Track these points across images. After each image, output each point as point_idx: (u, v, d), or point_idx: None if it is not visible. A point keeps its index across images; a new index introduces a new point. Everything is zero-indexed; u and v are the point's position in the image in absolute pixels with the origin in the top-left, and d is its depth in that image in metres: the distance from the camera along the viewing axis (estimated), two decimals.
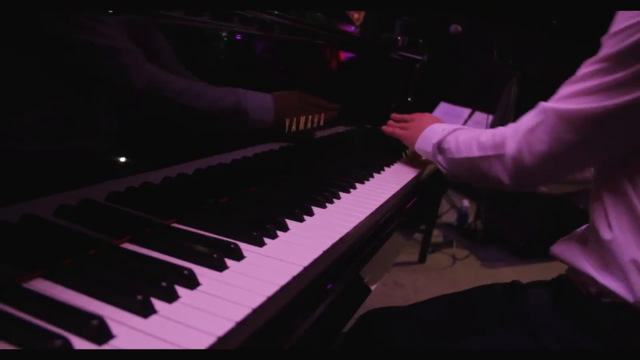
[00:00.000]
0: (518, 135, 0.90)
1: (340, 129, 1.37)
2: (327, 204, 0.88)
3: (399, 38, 1.58)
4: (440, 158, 1.13)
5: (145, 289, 0.51)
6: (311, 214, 0.81)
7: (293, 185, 0.97)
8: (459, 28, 3.42)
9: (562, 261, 0.96)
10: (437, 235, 3.43)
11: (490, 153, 0.96)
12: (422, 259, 3.03)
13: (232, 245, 0.63)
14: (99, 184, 0.68)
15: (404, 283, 2.76)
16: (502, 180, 0.95)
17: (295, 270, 0.61)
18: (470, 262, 3.13)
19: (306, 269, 0.63)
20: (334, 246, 0.68)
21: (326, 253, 0.68)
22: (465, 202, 3.57)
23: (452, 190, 3.74)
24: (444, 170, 1.13)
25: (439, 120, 1.30)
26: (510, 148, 0.91)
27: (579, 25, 4.67)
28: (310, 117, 1.06)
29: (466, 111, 3.75)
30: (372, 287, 0.83)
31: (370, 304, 1.10)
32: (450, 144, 1.09)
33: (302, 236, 0.72)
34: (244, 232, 0.68)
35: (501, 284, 1.10)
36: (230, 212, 0.78)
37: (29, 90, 0.57)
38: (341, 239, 0.71)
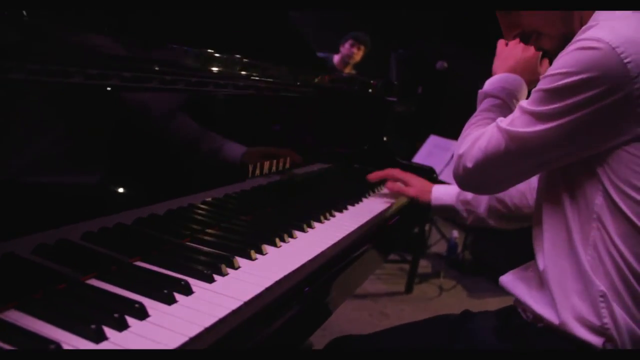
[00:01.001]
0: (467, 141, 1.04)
1: (317, 167, 1.48)
2: (282, 243, 0.98)
3: (371, 82, 1.70)
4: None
5: (100, 319, 0.62)
6: (263, 252, 0.92)
7: (253, 225, 1.07)
8: (445, 64, 3.57)
9: (507, 291, 1.07)
10: (425, 266, 3.51)
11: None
12: (408, 290, 3.11)
13: (182, 282, 0.73)
14: (76, 224, 0.79)
15: (390, 313, 2.83)
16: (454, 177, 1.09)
17: (235, 304, 0.71)
18: (456, 293, 3.20)
19: (246, 304, 0.73)
20: (269, 288, 0.78)
21: (268, 290, 0.78)
22: (455, 233, 3.66)
23: (442, 220, 3.83)
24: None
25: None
26: (460, 149, 1.06)
27: None
28: (275, 161, 1.18)
29: (455, 144, 3.84)
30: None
31: (355, 332, 1.20)
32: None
33: (250, 274, 0.83)
34: (196, 269, 0.78)
35: (455, 314, 1.20)
36: (189, 251, 0.89)
37: (15, 135, 0.68)
38: (277, 282, 0.81)
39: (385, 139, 1.87)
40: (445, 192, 1.41)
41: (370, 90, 1.71)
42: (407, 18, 4.95)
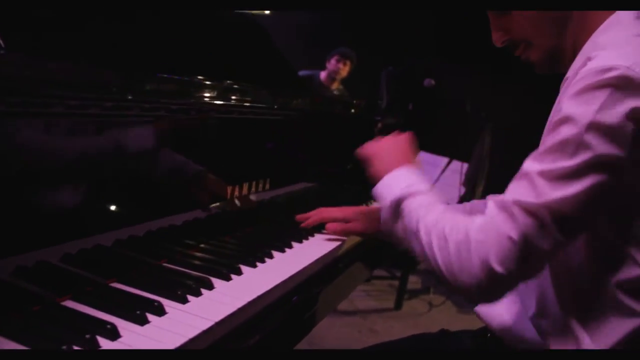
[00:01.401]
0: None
1: (300, 186, 1.51)
2: (259, 264, 1.00)
3: (354, 101, 1.73)
4: (395, 222, 0.97)
5: (71, 340, 0.64)
6: (239, 273, 0.94)
7: (231, 246, 1.09)
8: (432, 82, 3.62)
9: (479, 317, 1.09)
10: (415, 282, 3.53)
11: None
12: (398, 306, 3.12)
13: (155, 303, 0.76)
14: (55, 247, 0.81)
15: (379, 330, 2.84)
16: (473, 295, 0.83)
17: (206, 324, 0.74)
18: (446, 309, 3.22)
19: (217, 324, 0.75)
20: (242, 308, 0.81)
21: (241, 310, 0.81)
22: None
23: None
24: (399, 234, 0.97)
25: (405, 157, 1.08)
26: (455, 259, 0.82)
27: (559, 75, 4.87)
28: (254, 182, 1.20)
29: (444, 160, 3.90)
30: None
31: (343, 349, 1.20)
32: (411, 208, 0.93)
33: (225, 294, 0.85)
34: (170, 290, 0.81)
35: (433, 332, 1.22)
36: (165, 272, 0.91)
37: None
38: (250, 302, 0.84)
39: None
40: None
41: (353, 110, 1.74)
42: (397, 35, 5.03)
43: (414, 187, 0.96)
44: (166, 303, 0.78)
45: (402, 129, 1.34)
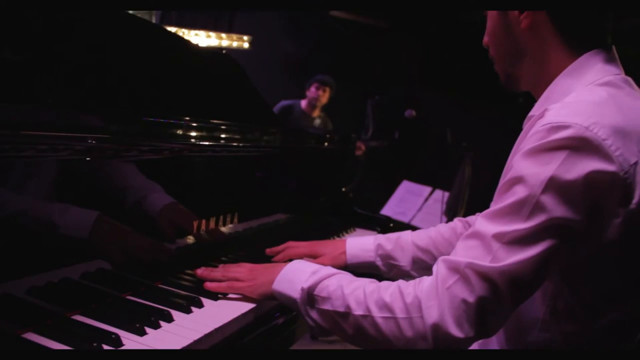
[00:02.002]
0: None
1: (274, 218, 1.55)
2: (220, 296, 1.04)
3: (327, 136, 1.79)
4: (310, 310, 0.91)
5: None
6: (200, 306, 0.98)
7: (195, 279, 1.12)
8: (414, 113, 3.71)
9: None
10: None
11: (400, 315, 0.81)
12: None
13: (113, 335, 0.79)
14: (21, 280, 0.86)
15: None
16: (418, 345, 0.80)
17: None
18: None
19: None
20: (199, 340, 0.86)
21: (197, 342, 0.85)
22: None
23: None
24: (312, 324, 0.91)
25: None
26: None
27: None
28: (222, 216, 1.25)
29: (427, 189, 3.96)
30: None
31: None
32: (330, 291, 0.88)
33: (183, 327, 0.89)
34: (129, 323, 0.84)
35: None
36: (127, 304, 0.95)
37: None
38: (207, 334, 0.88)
39: (344, 189, 1.96)
40: (361, 248, 1.25)
41: (326, 144, 1.80)
42: (383, 65, 5.14)
43: (322, 272, 0.92)
44: (124, 335, 0.81)
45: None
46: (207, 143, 1.20)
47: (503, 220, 0.77)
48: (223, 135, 1.25)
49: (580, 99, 0.80)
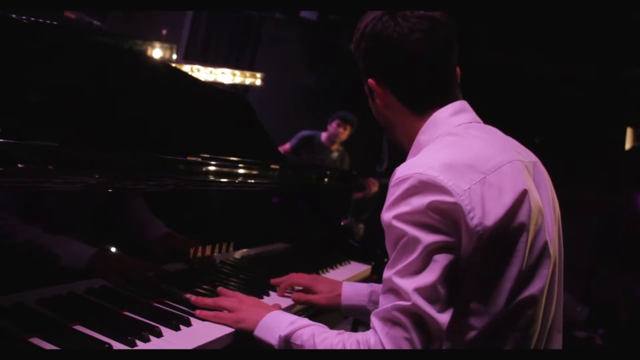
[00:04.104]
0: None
1: (273, 247, 1.66)
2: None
3: (327, 172, 1.91)
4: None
5: None
6: (188, 324, 1.09)
7: (187, 301, 1.23)
8: None
9: None
10: None
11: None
12: None
13: (106, 345, 0.91)
14: (32, 291, 0.98)
15: None
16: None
17: None
18: None
19: None
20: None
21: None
22: None
23: None
24: None
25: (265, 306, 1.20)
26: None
27: (561, 144, 5.01)
28: (218, 244, 1.37)
29: None
30: None
31: None
32: (303, 340, 1.02)
33: (170, 342, 1.00)
34: (122, 335, 0.96)
35: None
36: (123, 318, 1.06)
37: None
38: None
39: (342, 223, 2.06)
40: (355, 292, 1.37)
41: (326, 180, 1.91)
42: None
43: (299, 322, 1.06)
44: (116, 345, 0.93)
45: None
46: (215, 179, 1.34)
47: (398, 262, 0.94)
48: (240, 171, 1.40)
49: (425, 153, 1.00)
